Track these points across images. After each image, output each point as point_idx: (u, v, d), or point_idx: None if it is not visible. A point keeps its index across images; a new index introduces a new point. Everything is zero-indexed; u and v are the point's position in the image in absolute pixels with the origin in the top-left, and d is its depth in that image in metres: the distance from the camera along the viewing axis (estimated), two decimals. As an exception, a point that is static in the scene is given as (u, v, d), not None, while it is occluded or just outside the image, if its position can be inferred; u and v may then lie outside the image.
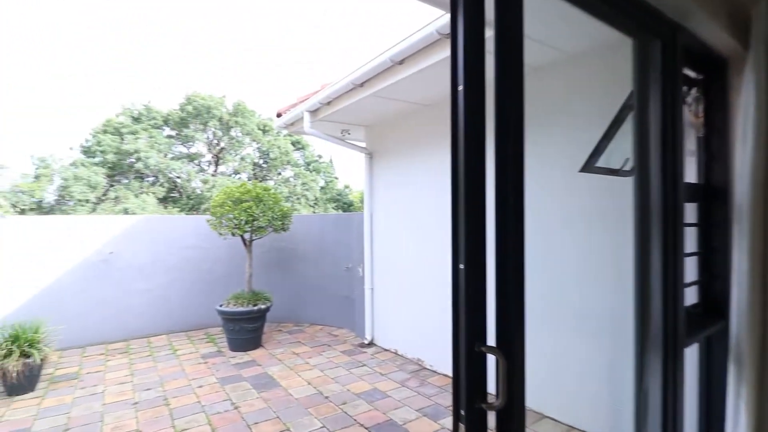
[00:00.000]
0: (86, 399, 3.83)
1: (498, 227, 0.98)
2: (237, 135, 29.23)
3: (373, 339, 5.45)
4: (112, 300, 5.83)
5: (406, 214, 4.85)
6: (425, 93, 4.05)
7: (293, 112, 5.13)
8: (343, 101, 4.32)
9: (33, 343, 4.03)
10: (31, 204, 22.10)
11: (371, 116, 5.01)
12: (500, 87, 0.99)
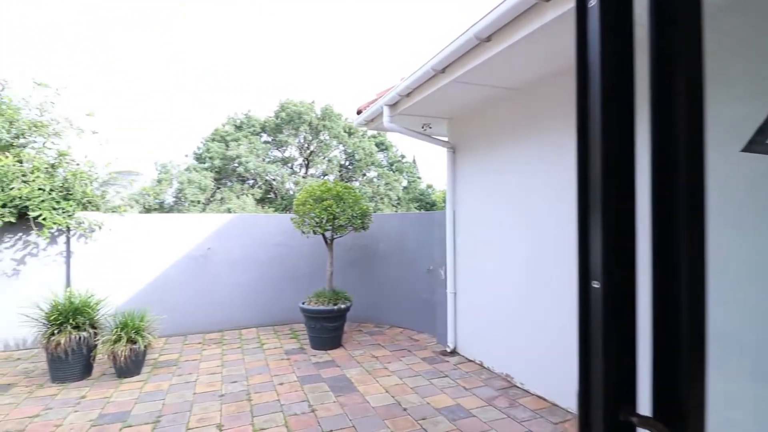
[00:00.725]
0: (180, 387, 4.06)
1: (658, 229, 0.60)
2: (325, 138, 30.56)
3: (456, 347, 5.07)
4: (210, 292, 6.25)
5: (493, 212, 4.40)
6: (516, 74, 3.59)
7: (372, 107, 4.97)
8: (422, 91, 4.03)
9: (139, 331, 4.39)
10: (154, 204, 25.36)
11: (453, 106, 4.64)
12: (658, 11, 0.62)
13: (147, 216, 6.20)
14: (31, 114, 5.72)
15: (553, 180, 3.59)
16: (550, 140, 3.64)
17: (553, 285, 3.58)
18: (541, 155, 3.75)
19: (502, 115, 4.30)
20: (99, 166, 6.10)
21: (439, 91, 3.89)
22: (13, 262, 5.39)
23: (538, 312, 3.73)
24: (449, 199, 5.14)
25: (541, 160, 3.74)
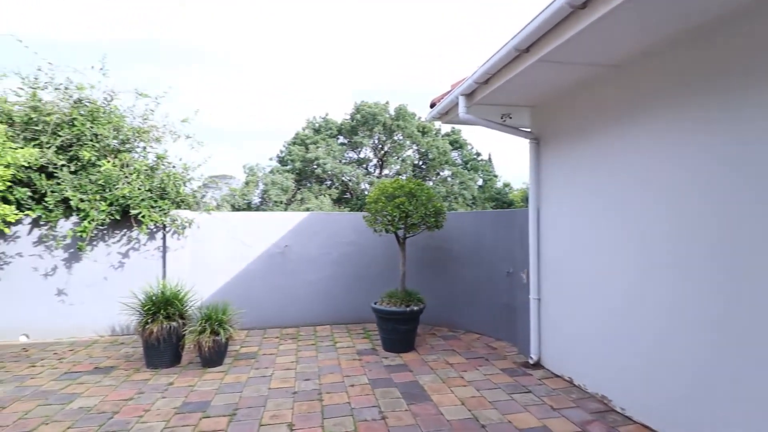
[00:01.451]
0: (257, 381, 4.14)
1: None
2: (399, 138, 30.65)
3: (540, 359, 4.58)
4: (287, 288, 6.43)
5: (588, 211, 3.87)
6: (618, 47, 3.08)
7: (446, 99, 4.68)
8: (503, 76, 3.66)
9: (222, 323, 4.59)
10: (243, 205, 27.39)
11: (538, 92, 4.18)
12: None
13: (231, 214, 6.56)
14: (135, 121, 6.34)
15: (666, 176, 3.02)
16: (658, 126, 3.07)
17: (656, 294, 3.01)
18: (653, 145, 3.18)
19: (598, 98, 3.76)
20: (192, 168, 6.57)
21: (522, 74, 3.50)
22: (119, 255, 6.00)
23: (648, 327, 3.18)
24: (533, 195, 4.67)
25: (653, 150, 3.17)
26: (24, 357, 4.95)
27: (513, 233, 5.26)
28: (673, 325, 2.93)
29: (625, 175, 3.43)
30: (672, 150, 2.99)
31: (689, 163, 2.85)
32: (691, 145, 2.84)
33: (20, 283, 5.70)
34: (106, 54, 6.08)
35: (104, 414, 3.40)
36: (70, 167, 5.62)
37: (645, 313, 3.18)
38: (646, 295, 3.18)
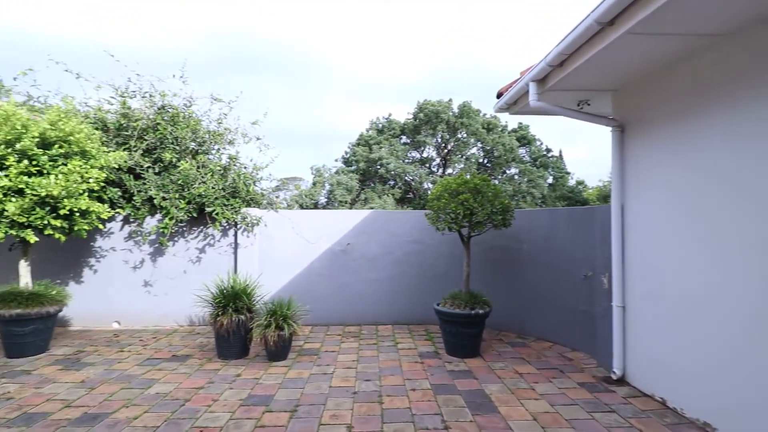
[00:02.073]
0: (319, 378, 4.14)
1: None
2: (462, 136, 29.93)
3: (625, 375, 4.07)
4: (350, 286, 6.44)
5: (689, 206, 3.35)
6: (728, 11, 2.60)
7: (515, 87, 4.35)
8: (581, 55, 3.27)
9: (286, 318, 4.67)
10: (310, 205, 28.41)
11: (622, 72, 3.71)
12: None
13: (295, 212, 6.72)
14: (211, 125, 6.74)
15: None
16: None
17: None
18: (753, 134, 2.65)
19: (699, 75, 3.23)
20: (261, 168, 6.82)
21: (604, 51, 3.10)
22: (197, 250, 6.39)
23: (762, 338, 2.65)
24: (616, 190, 4.17)
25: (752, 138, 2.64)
26: (114, 342, 5.44)
27: (591, 233, 4.77)
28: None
29: (737, 165, 2.89)
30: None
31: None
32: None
33: (113, 275, 6.30)
34: (186, 62, 6.52)
35: (177, 401, 3.58)
36: (155, 169, 6.10)
37: (756, 332, 2.65)
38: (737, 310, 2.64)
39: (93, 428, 3.08)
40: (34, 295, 4.87)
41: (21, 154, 4.54)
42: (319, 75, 54.56)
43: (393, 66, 50.72)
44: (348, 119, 53.22)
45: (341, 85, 53.87)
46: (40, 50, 5.97)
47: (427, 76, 49.65)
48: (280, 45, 54.90)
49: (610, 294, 4.22)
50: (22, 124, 4.56)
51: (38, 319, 4.84)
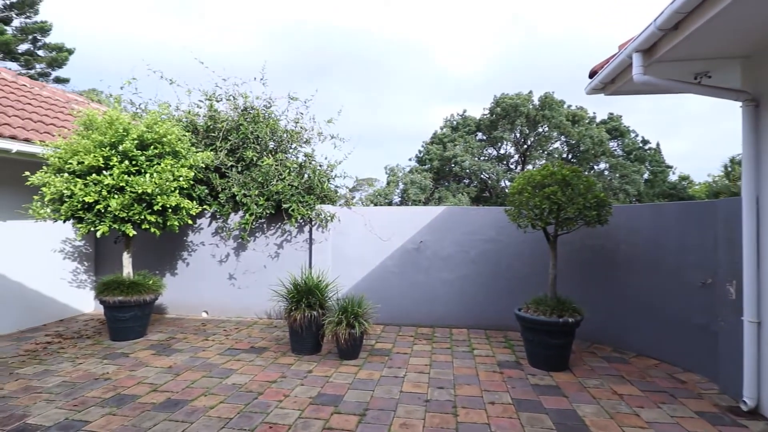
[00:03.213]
0: (389, 381, 3.96)
1: None
2: (544, 130, 28.08)
3: (760, 406, 3.31)
4: (422, 286, 6.19)
5: None
6: None
7: (614, 61, 3.75)
8: (704, 13, 2.66)
9: (357, 316, 4.56)
10: (384, 204, 28.67)
11: (757, 33, 2.99)
12: None
13: (368, 208, 6.63)
14: (288, 125, 6.93)
15: None
16: None
17: None
18: None
19: None
20: (335, 165, 6.86)
21: (734, 6, 2.48)
22: (275, 246, 6.59)
23: None
24: (748, 178, 3.40)
25: None
26: (202, 331, 5.78)
27: (710, 232, 3.98)
28: None
29: None
30: None
31: None
32: None
33: (203, 267, 6.74)
34: (265, 64, 6.78)
35: (251, 393, 3.62)
36: (238, 168, 6.40)
37: None
38: None
39: (173, 414, 3.21)
40: (133, 284, 5.34)
41: (123, 155, 4.98)
42: (393, 77, 55.02)
43: (468, 63, 49.37)
44: (422, 120, 53.00)
45: (415, 86, 53.78)
46: (141, 59, 6.57)
47: (504, 71, 47.55)
48: (354, 50, 56.43)
49: (740, 306, 3.46)
50: (123, 127, 5.01)
51: (137, 306, 5.29)
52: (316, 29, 54.38)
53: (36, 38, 21.76)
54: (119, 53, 38.10)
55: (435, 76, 51.45)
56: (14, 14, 21.29)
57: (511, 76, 48.10)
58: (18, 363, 4.40)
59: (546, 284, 4.65)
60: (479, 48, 50.09)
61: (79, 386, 3.76)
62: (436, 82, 51.54)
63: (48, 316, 6.21)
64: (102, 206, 4.80)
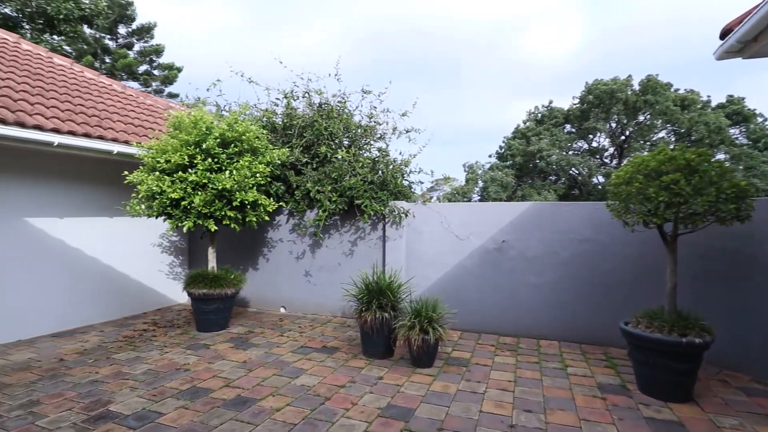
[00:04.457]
0: (467, 396, 3.52)
1: None
2: (646, 118, 24.98)
3: None
4: (505, 290, 5.60)
5: None
6: None
7: (759, 12, 2.90)
8: None
9: (431, 321, 4.19)
10: (462, 202, 27.77)
11: None
12: None
13: (445, 205, 6.20)
14: (363, 120, 6.77)
15: None
16: None
17: None
18: None
19: None
20: (409, 160, 6.55)
21: None
22: (349, 243, 6.47)
23: None
24: None
25: None
26: (278, 326, 5.84)
27: None
28: None
29: None
30: None
31: None
32: None
33: (281, 264, 6.86)
34: (339, 59, 6.69)
35: (318, 398, 3.44)
36: (313, 164, 6.39)
37: None
38: None
39: (240, 414, 3.13)
40: (216, 277, 5.54)
41: (206, 153, 5.17)
42: (472, 75, 53.35)
43: (554, 52, 45.95)
44: (502, 116, 50.68)
45: (495, 82, 51.56)
46: (225, 61, 6.87)
47: (596, 58, 43.42)
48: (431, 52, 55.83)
49: None
50: (206, 126, 5.20)
51: (219, 300, 5.48)
52: (395, 34, 54.84)
53: (152, 59, 24.68)
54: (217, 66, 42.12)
55: (517, 70, 48.79)
56: (135, 39, 24.38)
57: (604, 62, 43.75)
58: (116, 348, 4.76)
59: (657, 294, 3.84)
60: (568, 34, 46.35)
61: (161, 375, 3.91)
62: (519, 75, 48.85)
63: (148, 304, 6.77)
64: (187, 202, 5.02)
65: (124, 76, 22.61)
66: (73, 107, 5.70)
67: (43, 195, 5.35)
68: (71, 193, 5.68)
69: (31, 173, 5.21)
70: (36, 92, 5.44)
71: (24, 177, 5.14)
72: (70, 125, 5.08)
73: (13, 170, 5.04)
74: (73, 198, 5.70)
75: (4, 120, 4.25)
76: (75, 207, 5.73)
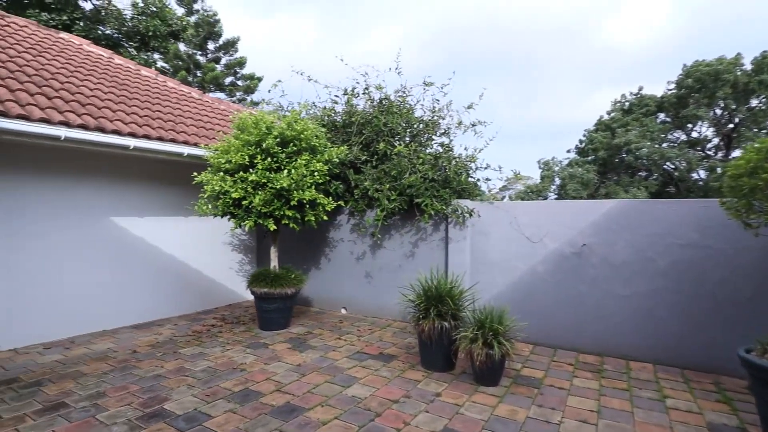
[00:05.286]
0: (538, 426, 3.03)
1: None
2: (761, 102, 21.39)
3: None
4: (586, 301, 4.91)
5: None
6: None
7: None
8: None
9: (497, 334, 3.73)
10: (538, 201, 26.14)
11: None
12: None
13: (514, 203, 5.63)
14: (425, 115, 6.43)
15: None
16: None
17: None
18: None
19: None
20: (475, 155, 6.08)
21: None
22: (410, 245, 6.16)
23: None
24: None
25: None
26: (337, 328, 5.71)
27: None
28: None
29: None
30: None
31: None
32: None
33: (342, 264, 6.76)
34: (400, 51, 6.41)
35: (368, 413, 3.18)
36: (372, 162, 6.18)
37: None
38: None
39: (286, 424, 2.97)
40: (277, 277, 5.55)
41: (265, 153, 5.19)
42: (547, 68, 50.10)
43: (642, 33, 41.39)
44: (582, 109, 46.92)
45: (573, 73, 47.90)
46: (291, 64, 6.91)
47: (693, 36, 38.31)
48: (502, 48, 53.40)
49: None
50: (266, 126, 5.22)
51: (279, 299, 5.49)
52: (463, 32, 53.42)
53: (235, 71, 26.47)
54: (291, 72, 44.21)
55: (597, 58, 44.84)
56: (221, 54, 26.34)
57: (702, 40, 38.49)
58: (184, 342, 4.94)
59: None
60: (657, 12, 41.48)
61: (218, 374, 3.92)
62: (599, 63, 44.85)
63: (219, 300, 7.06)
64: (248, 202, 5.07)
65: (212, 87, 24.51)
66: (152, 113, 6.07)
67: (126, 195, 5.76)
68: (149, 194, 6.06)
69: (116, 175, 5.63)
70: (119, 100, 5.88)
71: (110, 179, 5.56)
72: (146, 129, 5.39)
73: (101, 172, 5.47)
74: (151, 198, 6.08)
75: (85, 126, 4.59)
76: (153, 207, 6.11)
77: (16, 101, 4.31)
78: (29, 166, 4.81)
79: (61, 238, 5.09)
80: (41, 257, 4.92)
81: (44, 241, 4.93)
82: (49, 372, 3.91)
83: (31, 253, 4.84)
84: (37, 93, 4.77)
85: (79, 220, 5.28)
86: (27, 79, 4.99)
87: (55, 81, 5.38)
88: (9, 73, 4.93)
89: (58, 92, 5.08)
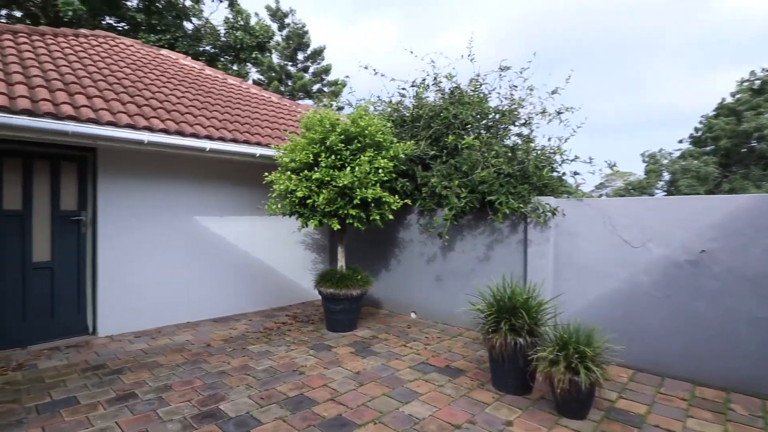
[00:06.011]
0: (637, 478, 2.41)
1: None
2: None
3: None
4: (707, 322, 3.97)
5: None
6: None
7: None
8: None
9: (583, 358, 3.12)
10: (638, 198, 23.23)
11: None
12: None
13: (608, 201, 4.81)
14: (503, 104, 5.85)
15: None
16: None
17: None
18: None
19: None
20: (559, 146, 5.36)
21: None
22: (484, 247, 5.63)
23: None
24: None
25: None
26: (404, 333, 5.42)
27: None
28: None
29: None
30: None
31: None
32: None
33: (412, 266, 6.44)
34: (473, 37, 5.90)
35: (424, 438, 2.82)
36: (442, 157, 5.77)
37: None
38: None
39: (332, 442, 2.74)
40: (342, 277, 5.43)
41: (329, 150, 5.07)
42: (652, 52, 44.29)
43: None
44: (695, 95, 40.68)
45: (684, 54, 41.69)
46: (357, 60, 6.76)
47: None
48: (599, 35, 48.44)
49: None
50: (330, 123, 5.10)
51: (345, 300, 5.35)
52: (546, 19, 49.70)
53: (322, 78, 27.66)
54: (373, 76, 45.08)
55: (714, 34, 38.47)
56: (309, 63, 27.73)
57: None
58: (254, 339, 5.03)
59: None
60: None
61: (277, 376, 3.86)
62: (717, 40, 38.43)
63: (293, 298, 7.19)
64: (312, 201, 5.00)
65: (301, 95, 25.90)
66: (230, 117, 6.36)
67: (207, 195, 6.09)
68: (228, 194, 6.34)
69: (199, 176, 5.97)
70: (202, 106, 6.24)
71: (193, 180, 5.92)
72: (222, 132, 5.62)
73: (185, 174, 5.84)
74: (229, 198, 6.36)
75: (166, 130, 4.88)
76: (231, 207, 6.38)
77: (108, 110, 4.72)
78: (127, 167, 5.28)
79: (151, 233, 5.52)
80: (134, 252, 5.37)
81: (135, 237, 5.38)
82: (131, 360, 4.19)
83: (127, 248, 5.31)
84: (129, 102, 5.21)
85: (171, 218, 5.69)
86: (122, 90, 5.49)
87: (147, 91, 5.86)
88: (108, 85, 5.46)
89: (148, 101, 5.51)
